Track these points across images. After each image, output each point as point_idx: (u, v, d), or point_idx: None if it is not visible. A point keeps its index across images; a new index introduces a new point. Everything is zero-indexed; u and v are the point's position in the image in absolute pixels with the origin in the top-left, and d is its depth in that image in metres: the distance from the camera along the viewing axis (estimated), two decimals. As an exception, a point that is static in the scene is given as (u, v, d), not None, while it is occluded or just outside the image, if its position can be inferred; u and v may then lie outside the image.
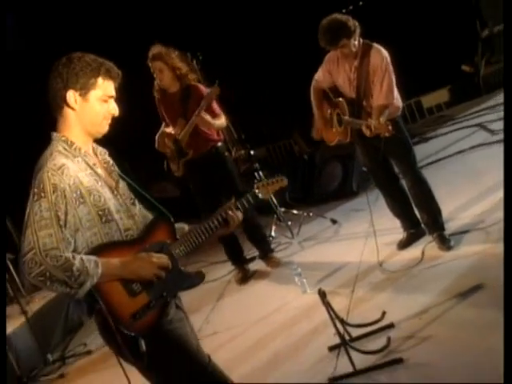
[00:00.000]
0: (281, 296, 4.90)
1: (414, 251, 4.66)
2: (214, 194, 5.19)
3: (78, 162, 2.40)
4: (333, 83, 4.63)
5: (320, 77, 4.69)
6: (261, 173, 5.91)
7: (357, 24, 4.29)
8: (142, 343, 2.32)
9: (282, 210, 6.36)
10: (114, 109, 2.46)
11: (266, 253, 5.58)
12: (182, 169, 5.20)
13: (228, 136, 6.69)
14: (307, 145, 8.31)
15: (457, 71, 9.31)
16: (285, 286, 5.07)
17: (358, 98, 4.46)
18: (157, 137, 5.23)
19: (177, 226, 2.63)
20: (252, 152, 6.06)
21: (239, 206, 2.65)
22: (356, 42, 4.32)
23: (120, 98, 2.51)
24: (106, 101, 2.42)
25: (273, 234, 6.22)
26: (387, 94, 4.30)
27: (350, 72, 4.47)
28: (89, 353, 5.31)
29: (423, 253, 4.54)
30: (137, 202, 2.58)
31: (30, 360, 5.28)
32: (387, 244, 4.88)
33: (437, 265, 4.32)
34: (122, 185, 2.54)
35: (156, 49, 4.99)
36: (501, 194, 4.98)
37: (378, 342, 3.60)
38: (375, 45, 4.39)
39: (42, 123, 2.58)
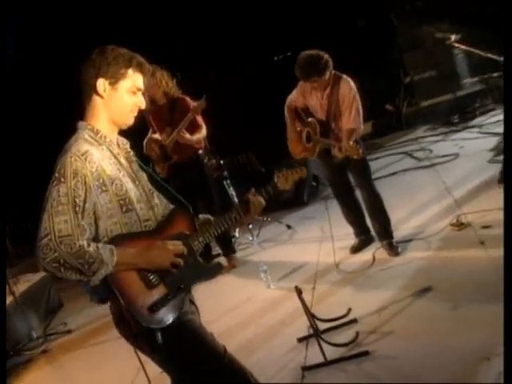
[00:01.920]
0: (246, 290, 4.56)
1: (365, 255, 4.43)
2: (191, 194, 4.80)
3: (102, 150, 2.03)
4: (305, 105, 4.39)
5: (294, 97, 4.44)
6: (228, 181, 5.64)
7: (329, 61, 4.07)
8: (159, 335, 1.94)
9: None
10: (141, 102, 2.10)
11: (228, 252, 5.21)
12: (166, 171, 4.90)
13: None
14: (260, 164, 8.16)
15: (380, 109, 9.25)
16: (249, 281, 4.74)
17: (327, 121, 4.24)
18: (145, 142, 4.88)
19: (201, 217, 2.28)
20: (222, 161, 5.74)
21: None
22: (327, 77, 4.10)
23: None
24: (134, 93, 2.07)
25: (237, 234, 5.86)
26: (355, 119, 4.11)
27: (321, 98, 4.25)
28: (69, 332, 5.05)
29: (374, 257, 4.30)
30: (156, 193, 2.21)
31: (15, 335, 4.96)
32: (340, 248, 4.61)
33: (388, 268, 4.08)
34: (143, 176, 2.17)
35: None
36: (434, 209, 4.89)
37: (344, 336, 3.33)
38: (344, 76, 4.20)
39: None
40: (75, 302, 5.58)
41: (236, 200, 5.58)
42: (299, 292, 3.18)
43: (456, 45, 3.81)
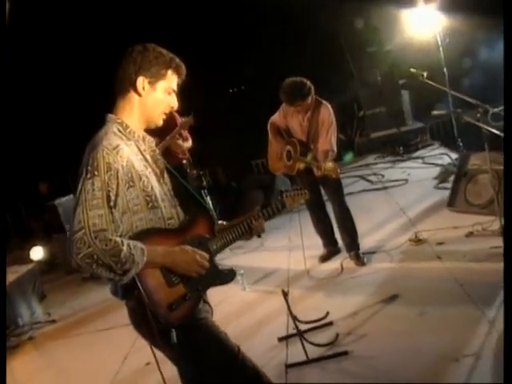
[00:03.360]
0: (222, 291, 4.31)
1: (333, 264, 4.32)
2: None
3: (130, 145, 1.82)
4: (286, 126, 4.29)
5: (276, 118, 4.34)
6: (206, 191, 5.47)
7: (312, 87, 4.01)
8: (174, 334, 1.75)
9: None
10: (174, 102, 1.92)
11: None
12: None
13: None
14: (226, 179, 8.06)
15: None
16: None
17: (307, 141, 4.15)
18: None
19: (219, 223, 2.10)
20: (201, 172, 5.57)
21: (265, 213, 2.11)
22: (309, 101, 4.03)
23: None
24: (169, 93, 1.89)
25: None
26: (330, 141, 4.05)
27: (302, 120, 4.17)
28: (53, 321, 4.74)
29: (342, 266, 4.21)
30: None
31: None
32: (309, 257, 4.48)
33: (355, 277, 4.00)
34: (166, 175, 1.96)
35: None
36: (391, 226, 4.89)
37: (320, 337, 3.20)
38: (324, 102, 4.14)
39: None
40: (58, 294, 5.29)
41: (211, 209, 5.40)
42: (285, 294, 3.04)
43: (427, 81, 3.81)
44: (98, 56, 7.18)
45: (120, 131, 1.82)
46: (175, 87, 1.91)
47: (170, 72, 1.86)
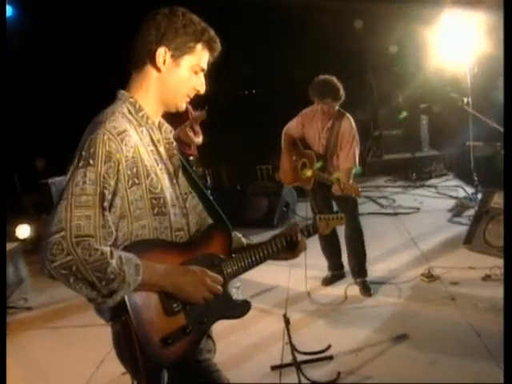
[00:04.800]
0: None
1: (336, 289, 4.03)
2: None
3: (141, 132, 1.47)
4: (303, 135, 3.98)
5: (293, 126, 4.03)
6: (209, 191, 5.17)
7: (343, 93, 3.74)
8: (165, 376, 1.41)
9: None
10: (201, 85, 1.55)
11: None
12: None
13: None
14: (230, 181, 7.76)
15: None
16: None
17: (324, 155, 3.84)
18: None
19: (236, 238, 1.73)
20: (207, 171, 5.27)
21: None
22: (336, 105, 3.78)
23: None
24: (196, 72, 1.53)
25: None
26: (353, 158, 3.76)
27: (321, 131, 3.87)
28: (29, 309, 4.40)
29: (346, 293, 3.91)
30: (191, 198, 1.61)
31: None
32: (311, 277, 4.19)
33: (361, 308, 3.70)
34: (181, 175, 1.59)
35: None
36: (402, 256, 4.59)
37: (318, 371, 2.91)
38: (347, 114, 3.85)
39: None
40: (38, 279, 4.88)
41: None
42: (287, 322, 2.73)
43: (466, 108, 3.53)
44: (99, 27, 6.89)
45: (131, 113, 1.47)
46: (205, 66, 1.54)
47: (199, 46, 1.49)
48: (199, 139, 4.51)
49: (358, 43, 8.13)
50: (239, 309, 1.61)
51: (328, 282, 4.15)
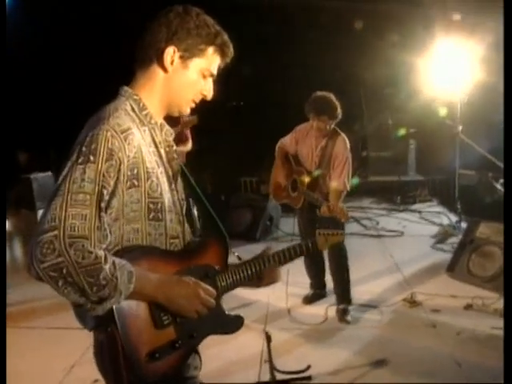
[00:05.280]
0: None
1: (317, 308, 3.98)
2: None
3: (143, 132, 1.39)
4: (296, 152, 3.91)
5: (287, 142, 3.95)
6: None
7: (340, 112, 3.68)
8: None
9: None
10: (209, 90, 1.49)
11: None
12: None
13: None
14: (213, 190, 7.67)
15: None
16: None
17: (317, 175, 3.76)
18: None
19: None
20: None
21: (290, 252, 1.67)
22: (332, 124, 3.71)
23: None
24: (205, 77, 1.46)
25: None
26: (345, 180, 3.65)
27: (314, 149, 3.80)
28: None
29: (327, 313, 3.86)
30: (187, 205, 1.54)
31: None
32: (292, 294, 4.13)
33: (341, 329, 3.66)
34: (180, 180, 1.53)
35: None
36: (384, 280, 4.57)
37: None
38: (343, 134, 3.78)
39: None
40: (12, 275, 4.61)
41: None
42: (269, 339, 2.67)
43: (462, 136, 3.54)
44: (96, 23, 6.81)
45: (134, 111, 1.40)
46: (214, 71, 1.48)
47: (211, 50, 1.43)
48: (188, 145, 4.42)
49: (350, 63, 8.20)
50: (232, 324, 1.55)
51: (309, 300, 4.09)
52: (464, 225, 5.93)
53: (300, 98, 3.83)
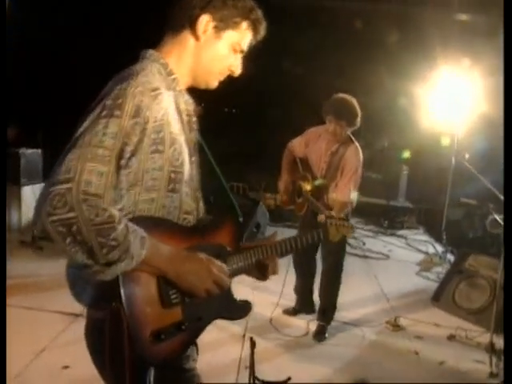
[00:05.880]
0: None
1: (299, 321, 3.90)
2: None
3: (168, 96, 1.31)
4: (305, 155, 3.72)
5: (296, 144, 3.77)
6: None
7: (359, 122, 3.48)
8: (152, 375, 1.24)
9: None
10: (237, 66, 1.44)
11: None
12: None
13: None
14: (203, 190, 7.55)
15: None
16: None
17: (323, 179, 3.58)
18: None
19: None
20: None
21: (297, 241, 1.59)
22: (349, 131, 3.50)
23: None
24: (236, 51, 1.41)
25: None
26: (350, 191, 3.42)
27: (324, 153, 3.59)
28: None
29: (308, 327, 3.77)
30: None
31: None
32: (273, 303, 4.04)
33: (323, 344, 3.58)
34: (196, 155, 1.45)
35: None
36: (368, 301, 4.52)
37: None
38: (356, 143, 3.59)
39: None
40: None
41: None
42: (253, 345, 2.58)
43: (466, 164, 3.52)
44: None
45: (161, 74, 1.33)
46: (245, 47, 1.42)
47: (245, 24, 1.39)
48: None
49: (349, 89, 8.20)
50: (239, 310, 1.48)
51: (291, 313, 3.99)
52: (450, 256, 5.96)
53: (290, 106, 3.71)
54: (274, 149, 4.22)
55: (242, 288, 4.28)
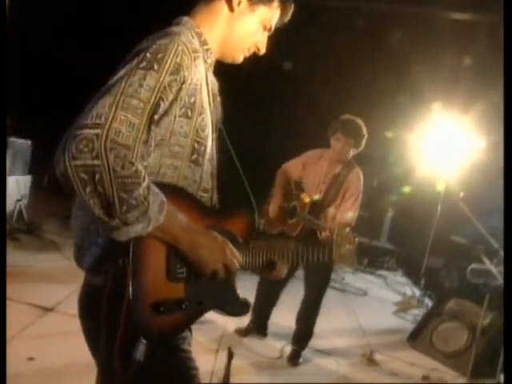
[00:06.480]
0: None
1: (274, 342, 3.81)
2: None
3: (204, 63, 1.30)
4: (301, 177, 3.64)
5: (291, 166, 3.70)
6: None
7: (363, 146, 3.46)
8: (141, 349, 1.18)
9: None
10: (263, 44, 1.44)
11: None
12: None
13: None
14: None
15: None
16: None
17: (321, 202, 3.49)
18: None
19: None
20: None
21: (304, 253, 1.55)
22: (353, 152, 3.46)
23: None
24: (264, 28, 1.42)
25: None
26: (354, 214, 3.42)
27: (324, 175, 3.53)
28: None
29: (282, 351, 3.68)
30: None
31: None
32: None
33: (297, 370, 3.51)
34: (217, 135, 1.42)
35: None
36: (344, 332, 4.47)
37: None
38: (357, 167, 3.54)
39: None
40: None
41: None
42: (230, 356, 2.51)
43: (461, 203, 3.56)
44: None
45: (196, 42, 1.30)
46: (273, 26, 1.43)
47: (276, 2, 1.39)
48: None
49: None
50: (239, 306, 1.42)
51: (244, 333, 3.84)
52: (428, 300, 5.96)
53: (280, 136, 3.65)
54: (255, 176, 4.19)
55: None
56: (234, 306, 1.40)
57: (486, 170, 5.82)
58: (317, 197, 3.50)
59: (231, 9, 1.35)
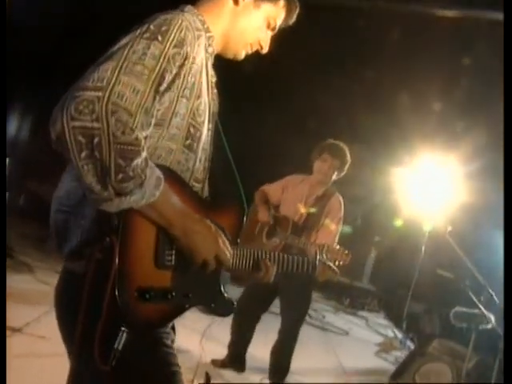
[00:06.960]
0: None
1: (252, 375, 3.65)
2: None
3: (202, 47, 1.26)
4: (279, 200, 3.61)
5: (270, 189, 3.66)
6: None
7: (344, 172, 3.49)
8: (123, 338, 1.09)
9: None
10: (266, 42, 1.42)
11: None
12: None
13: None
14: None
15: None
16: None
17: (303, 225, 3.44)
18: None
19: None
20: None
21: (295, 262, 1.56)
22: (336, 176, 3.48)
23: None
24: (268, 26, 1.40)
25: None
26: (334, 237, 3.38)
27: (306, 197, 3.51)
28: None
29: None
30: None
31: None
32: (223, 354, 3.78)
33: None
34: (212, 125, 1.37)
35: None
36: (324, 372, 4.32)
37: None
38: (338, 193, 3.53)
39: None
40: None
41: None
42: (208, 379, 2.38)
43: (449, 239, 3.51)
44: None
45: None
46: (277, 25, 1.41)
47: (282, 2, 1.39)
48: None
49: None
50: (224, 305, 1.34)
51: (221, 365, 3.65)
52: (410, 343, 5.84)
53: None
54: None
55: (193, 334, 4.11)
56: (219, 304, 1.32)
57: (471, 208, 5.84)
58: (309, 209, 3.45)
59: (236, 2, 1.34)
